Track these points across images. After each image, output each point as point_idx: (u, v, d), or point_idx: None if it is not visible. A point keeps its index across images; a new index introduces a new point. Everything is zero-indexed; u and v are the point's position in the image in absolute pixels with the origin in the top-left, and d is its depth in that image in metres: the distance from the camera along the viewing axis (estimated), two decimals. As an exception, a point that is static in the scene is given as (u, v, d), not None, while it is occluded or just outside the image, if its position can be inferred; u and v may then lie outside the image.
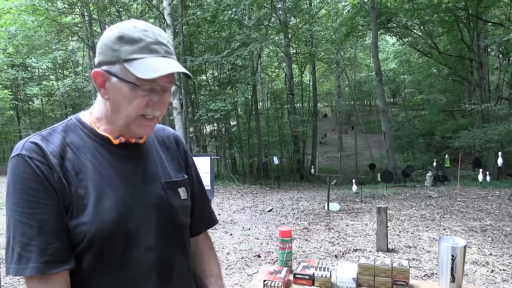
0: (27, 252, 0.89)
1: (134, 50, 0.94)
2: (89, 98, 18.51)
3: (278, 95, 23.43)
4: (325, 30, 20.34)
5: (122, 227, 0.97)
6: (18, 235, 0.90)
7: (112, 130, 1.03)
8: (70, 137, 1.01)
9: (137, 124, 1.00)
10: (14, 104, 20.09)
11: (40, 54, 18.24)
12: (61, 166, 0.95)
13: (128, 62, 0.94)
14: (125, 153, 1.05)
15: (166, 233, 1.05)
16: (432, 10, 14.77)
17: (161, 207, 1.05)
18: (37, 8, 14.66)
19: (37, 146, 0.95)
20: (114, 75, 0.96)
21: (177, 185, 1.12)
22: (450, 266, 1.54)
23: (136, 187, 1.03)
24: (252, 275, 4.31)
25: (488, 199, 8.00)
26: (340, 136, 27.37)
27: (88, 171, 0.98)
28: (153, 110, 0.99)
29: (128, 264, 0.99)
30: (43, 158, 0.94)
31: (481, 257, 4.56)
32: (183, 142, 1.27)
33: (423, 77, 22.47)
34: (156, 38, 0.97)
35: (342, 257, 4.86)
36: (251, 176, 17.21)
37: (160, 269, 1.03)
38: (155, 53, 0.95)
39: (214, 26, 14.68)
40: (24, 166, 0.92)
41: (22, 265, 0.89)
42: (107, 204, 0.96)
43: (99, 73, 0.98)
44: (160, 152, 1.15)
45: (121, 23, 0.99)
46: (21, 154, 0.93)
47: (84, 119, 1.06)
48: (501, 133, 12.28)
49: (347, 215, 7.25)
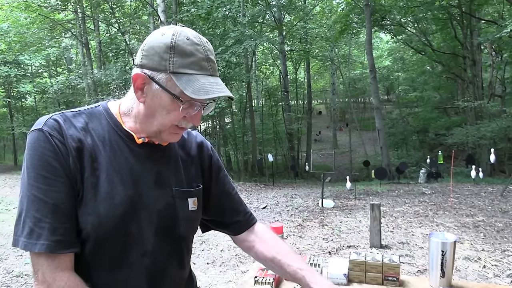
0: (39, 228, 0.89)
1: (184, 64, 0.93)
2: (82, 95, 18.38)
3: (273, 93, 23.43)
4: (320, 27, 20.32)
5: (125, 226, 0.97)
6: (32, 210, 0.90)
7: (138, 130, 1.03)
8: (93, 123, 1.01)
9: (169, 133, 1.01)
10: (7, 101, 19.91)
11: (33, 51, 18.07)
12: (78, 150, 0.95)
13: (176, 75, 0.93)
14: (144, 152, 1.04)
15: (163, 241, 1.04)
16: (426, 7, 14.79)
17: (164, 215, 1.04)
18: (29, 4, 14.55)
19: (59, 125, 0.95)
20: (157, 82, 0.95)
21: (188, 195, 1.10)
22: (440, 261, 1.55)
23: (147, 189, 1.02)
24: (245, 272, 4.31)
25: (480, 195, 8.06)
26: (335, 134, 27.41)
27: (103, 162, 0.97)
28: (188, 123, 1.01)
29: (121, 265, 0.98)
30: (62, 137, 0.93)
31: (473, 253, 4.60)
32: (208, 147, 1.24)
33: (417, 75, 22.53)
34: (207, 54, 0.96)
35: (336, 254, 4.88)
36: (246, 173, 17.22)
37: (151, 277, 1.02)
38: (204, 71, 0.95)
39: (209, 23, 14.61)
40: (44, 142, 0.92)
41: (32, 240, 0.89)
42: (116, 201, 0.96)
43: (141, 76, 0.96)
44: (179, 157, 1.13)
45: (173, 29, 0.96)
46: (42, 129, 0.93)
47: (112, 109, 1.05)
48: (494, 130, 12.35)
49: (341, 211, 7.27)
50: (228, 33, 13.35)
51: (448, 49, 17.51)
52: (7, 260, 4.91)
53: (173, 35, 0.94)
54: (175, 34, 0.94)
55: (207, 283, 4.14)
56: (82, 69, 17.95)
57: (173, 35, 0.94)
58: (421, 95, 22.18)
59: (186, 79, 0.92)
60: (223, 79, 16.26)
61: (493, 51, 16.25)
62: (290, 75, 23.25)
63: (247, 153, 18.85)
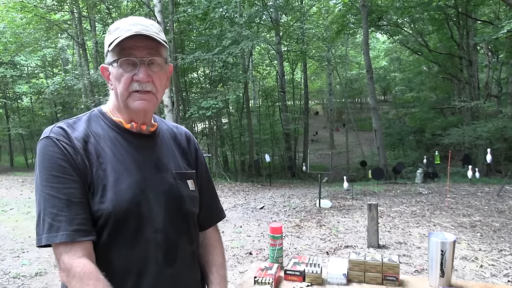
0: (57, 222, 0.98)
1: (115, 35, 1.06)
2: (79, 96, 18.29)
3: (270, 93, 23.41)
4: (316, 28, 20.36)
5: (136, 208, 1.06)
6: (48, 207, 0.99)
7: (123, 116, 1.15)
8: (92, 126, 1.13)
9: (132, 100, 1.09)
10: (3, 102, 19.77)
11: (29, 51, 17.96)
12: (84, 149, 1.06)
13: (110, 47, 1.07)
14: (141, 143, 1.16)
15: (173, 218, 1.14)
16: (422, 8, 14.84)
17: (171, 195, 1.14)
18: (25, 5, 14.45)
19: (64, 131, 1.07)
20: (107, 64, 1.11)
21: (186, 176, 1.22)
22: (439, 261, 1.55)
23: (149, 174, 1.13)
24: (243, 273, 4.31)
25: (477, 195, 8.08)
26: (332, 134, 27.43)
27: (107, 156, 1.08)
28: (141, 84, 1.08)
29: (139, 242, 1.07)
30: (68, 141, 1.05)
31: (470, 253, 4.61)
32: (195, 141, 1.36)
33: (413, 75, 22.60)
34: (134, 21, 1.07)
35: (334, 254, 4.88)
36: (243, 173, 17.20)
37: (166, 250, 1.12)
38: (129, 31, 1.05)
39: (205, 24, 14.59)
40: (52, 146, 1.03)
41: (52, 234, 0.98)
42: (124, 186, 1.06)
43: (102, 67, 1.14)
44: (173, 146, 1.26)
45: None
46: (49, 136, 1.05)
47: (104, 110, 1.18)
48: (490, 130, 12.39)
49: (338, 212, 7.28)
50: (225, 33, 13.34)
51: (444, 50, 17.56)
52: (4, 262, 4.88)
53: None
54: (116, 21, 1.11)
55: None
56: (78, 69, 17.85)
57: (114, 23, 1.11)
58: (418, 95, 22.24)
59: (112, 44, 1.06)
60: (220, 79, 16.29)
61: (489, 52, 16.32)
62: (287, 75, 23.25)
63: (244, 153, 18.83)
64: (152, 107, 1.13)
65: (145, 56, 1.07)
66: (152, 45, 1.08)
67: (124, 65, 1.06)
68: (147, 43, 1.07)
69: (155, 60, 1.09)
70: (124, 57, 1.05)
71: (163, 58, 1.11)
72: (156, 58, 1.09)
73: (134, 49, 1.06)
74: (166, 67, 1.15)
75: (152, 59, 1.08)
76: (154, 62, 1.09)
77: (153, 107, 1.14)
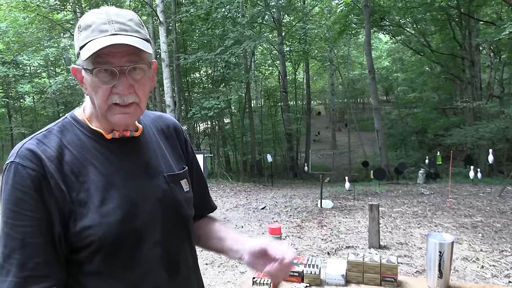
0: (8, 264, 0.86)
1: (87, 35, 0.90)
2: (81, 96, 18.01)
3: (272, 93, 23.43)
4: (319, 28, 20.32)
5: (129, 226, 0.95)
6: (1, 246, 0.88)
7: (102, 125, 0.99)
8: (67, 137, 0.96)
9: (112, 114, 0.94)
10: (5, 102, 19.87)
11: (32, 51, 18.02)
12: (59, 171, 0.91)
13: (82, 49, 0.90)
14: (124, 149, 1.01)
15: (172, 226, 1.04)
16: (424, 8, 14.83)
17: (166, 202, 1.03)
18: (28, 4, 14.53)
19: (32, 153, 0.90)
20: (80, 66, 0.94)
21: (179, 177, 1.10)
22: (437, 262, 1.55)
23: (139, 182, 1.00)
24: (244, 273, 4.32)
25: (479, 196, 8.07)
26: (334, 134, 27.40)
27: (88, 173, 0.94)
28: (121, 97, 0.92)
29: (137, 261, 0.97)
30: (38, 166, 0.89)
31: (471, 253, 4.61)
32: (183, 130, 1.23)
33: (415, 75, 22.58)
34: (109, 18, 0.91)
35: (335, 254, 4.88)
36: (245, 174, 17.21)
37: (168, 263, 1.02)
38: (104, 33, 0.89)
39: (208, 24, 14.61)
40: (14, 175, 0.88)
41: (2, 277, 0.86)
42: (111, 205, 0.93)
43: (74, 68, 0.96)
44: (161, 142, 1.12)
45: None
46: (14, 162, 0.89)
47: (78, 116, 1.02)
48: (492, 131, 12.38)
49: (340, 212, 7.28)
50: (228, 33, 13.36)
51: (446, 50, 17.55)
52: None
53: (82, 16, 0.94)
54: (84, 15, 0.94)
55: (206, 284, 4.12)
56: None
57: (82, 16, 0.94)
58: (420, 95, 22.21)
59: (85, 48, 0.89)
60: (223, 79, 16.32)
61: (492, 52, 16.29)
62: (289, 75, 23.26)
63: (246, 153, 18.84)
64: (135, 119, 1.00)
65: (125, 64, 0.90)
66: (133, 48, 0.90)
67: (100, 74, 0.90)
68: (127, 46, 0.89)
69: (137, 66, 0.93)
70: (100, 66, 0.89)
71: (146, 63, 0.95)
72: (138, 65, 0.93)
73: (111, 56, 0.89)
74: (150, 70, 0.98)
75: (133, 66, 0.92)
76: (136, 67, 0.93)
77: (137, 117, 1.01)
